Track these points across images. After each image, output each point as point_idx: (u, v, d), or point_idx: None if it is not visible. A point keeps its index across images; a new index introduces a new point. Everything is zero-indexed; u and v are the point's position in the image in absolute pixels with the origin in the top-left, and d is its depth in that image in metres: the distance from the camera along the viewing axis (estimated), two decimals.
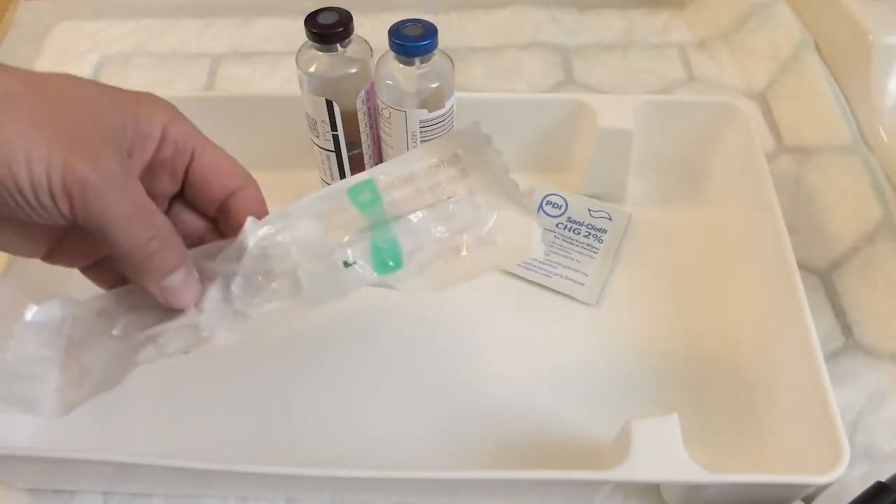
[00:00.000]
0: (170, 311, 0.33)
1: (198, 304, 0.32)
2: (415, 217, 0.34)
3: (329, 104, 0.41)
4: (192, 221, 0.34)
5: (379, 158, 0.45)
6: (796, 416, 0.38)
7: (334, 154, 0.44)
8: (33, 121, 0.27)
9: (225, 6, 0.68)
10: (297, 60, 0.41)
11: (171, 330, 0.32)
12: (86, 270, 0.35)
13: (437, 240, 0.34)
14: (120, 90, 0.31)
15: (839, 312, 0.45)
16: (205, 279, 0.33)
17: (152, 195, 0.30)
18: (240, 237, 0.32)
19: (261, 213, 0.33)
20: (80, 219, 0.28)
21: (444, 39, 0.39)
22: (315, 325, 0.44)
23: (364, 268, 0.33)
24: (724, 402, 0.41)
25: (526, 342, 0.44)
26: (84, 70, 0.61)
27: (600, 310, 0.45)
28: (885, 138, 0.51)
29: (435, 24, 0.39)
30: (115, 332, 0.33)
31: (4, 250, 0.33)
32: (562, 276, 0.46)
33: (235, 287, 0.32)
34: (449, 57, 0.40)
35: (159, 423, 0.40)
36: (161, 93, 0.33)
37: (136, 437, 0.40)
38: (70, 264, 0.34)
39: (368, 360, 0.43)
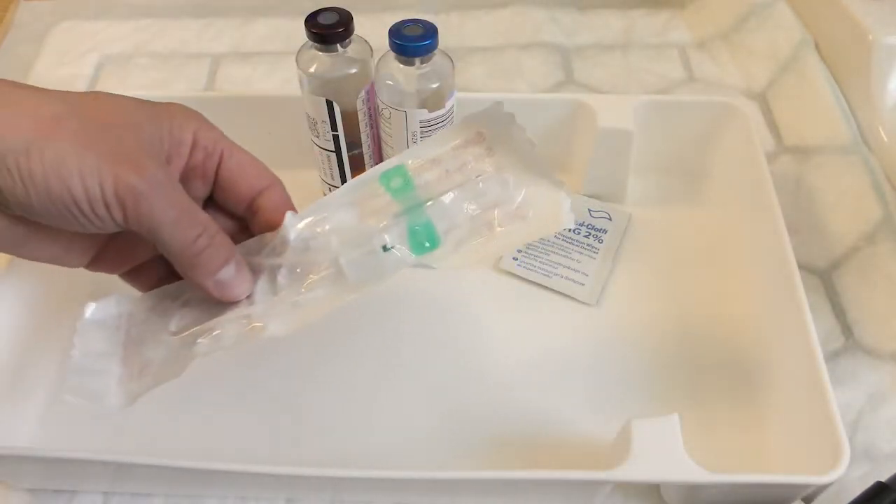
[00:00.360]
0: (222, 306, 0.34)
1: (249, 297, 0.34)
2: (446, 197, 0.35)
3: (329, 104, 0.41)
4: (223, 222, 0.36)
5: (379, 158, 0.45)
6: (796, 416, 0.38)
7: (334, 154, 0.44)
8: (82, 139, 0.29)
9: (225, 6, 0.68)
10: (297, 60, 0.41)
11: (225, 322, 0.34)
12: (125, 275, 0.37)
13: (470, 217, 0.35)
14: (152, 103, 0.33)
15: (839, 312, 0.45)
16: (253, 273, 0.35)
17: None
18: (281, 231, 0.34)
19: (287, 209, 0.35)
20: (133, 224, 0.30)
21: (444, 39, 0.39)
22: (315, 327, 0.44)
23: (402, 251, 0.34)
24: (724, 401, 0.41)
25: (526, 342, 0.44)
26: (84, 70, 0.61)
27: (600, 310, 0.45)
28: (885, 138, 0.51)
29: (435, 24, 0.39)
30: (171, 328, 0.35)
31: (52, 262, 0.34)
32: (562, 276, 0.46)
33: (281, 278, 0.34)
34: (449, 57, 0.40)
35: (159, 423, 0.40)
36: (161, 93, 0.34)
37: (137, 437, 0.40)
38: (112, 270, 0.36)
39: (368, 360, 0.43)
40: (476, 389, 0.42)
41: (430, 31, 0.38)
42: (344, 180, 0.45)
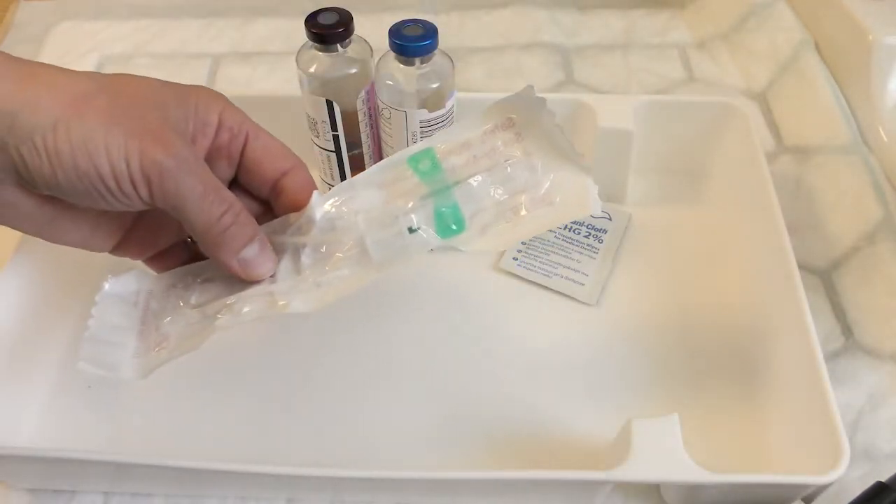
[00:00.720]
0: (244, 283, 0.35)
1: (272, 276, 0.34)
2: (474, 181, 0.35)
3: (329, 104, 0.41)
4: (247, 204, 0.36)
5: (379, 158, 0.45)
6: (796, 416, 0.38)
7: (334, 154, 0.44)
8: (109, 116, 0.29)
9: (225, 6, 0.68)
10: (297, 60, 0.41)
11: (247, 297, 0.34)
12: (148, 261, 0.37)
13: (497, 202, 0.35)
14: (178, 84, 0.33)
15: (839, 312, 0.45)
16: (276, 252, 0.35)
17: None
18: (307, 210, 0.34)
19: (311, 190, 0.35)
20: (159, 201, 0.31)
21: (444, 39, 0.39)
22: (315, 326, 0.44)
23: (428, 232, 0.34)
24: (724, 401, 0.41)
25: (526, 342, 0.44)
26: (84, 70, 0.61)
27: (600, 310, 0.45)
28: (885, 138, 0.51)
29: (435, 24, 0.39)
30: (191, 301, 0.35)
31: (78, 246, 0.35)
32: (562, 276, 0.46)
33: (305, 257, 0.34)
34: (449, 57, 0.40)
35: (159, 423, 0.40)
36: None
37: (136, 437, 0.40)
38: (135, 256, 0.37)
39: (368, 360, 0.43)
40: (476, 389, 0.42)
41: (430, 31, 0.38)
42: (344, 180, 0.45)
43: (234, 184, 0.36)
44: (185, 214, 0.31)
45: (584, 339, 0.44)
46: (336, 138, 0.43)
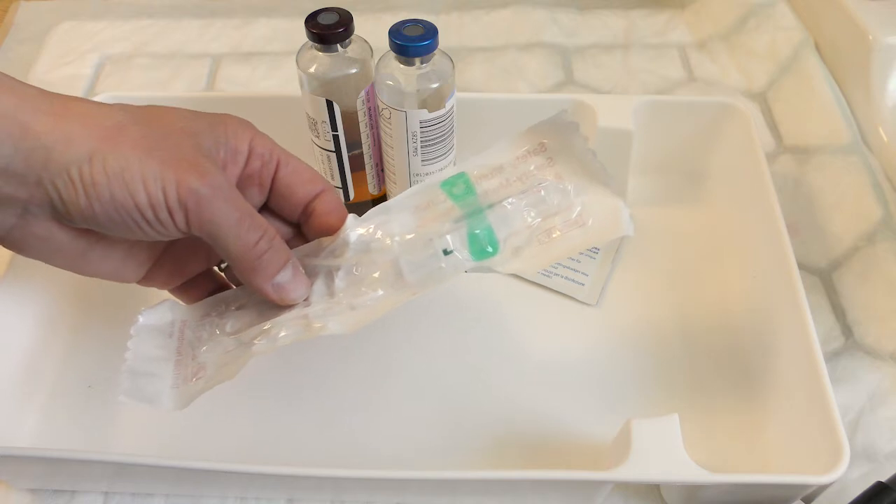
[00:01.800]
0: (277, 309, 0.35)
1: (305, 300, 0.35)
2: (508, 204, 0.35)
3: (329, 104, 0.41)
4: (278, 228, 0.36)
5: (379, 159, 0.45)
6: (796, 416, 0.38)
7: (334, 154, 0.44)
8: (144, 146, 0.30)
9: (225, 6, 0.68)
10: (297, 61, 0.41)
11: (282, 322, 0.34)
12: (176, 290, 0.38)
13: (530, 225, 0.35)
14: (208, 113, 0.34)
15: (839, 312, 0.45)
16: (309, 276, 0.35)
17: None
18: (341, 233, 0.35)
19: (341, 213, 0.36)
20: (195, 228, 0.31)
21: (444, 39, 0.39)
22: None
23: (462, 254, 0.35)
24: (724, 401, 0.41)
25: (526, 342, 0.44)
26: (84, 70, 0.61)
27: (600, 310, 0.45)
28: (885, 138, 0.51)
29: (435, 24, 0.39)
30: (227, 329, 0.35)
31: (109, 277, 0.35)
32: (562, 276, 0.46)
33: (339, 280, 0.35)
34: (449, 57, 0.40)
35: (160, 423, 0.40)
36: (161, 93, 0.34)
37: (137, 438, 0.40)
38: (163, 286, 0.37)
39: (369, 360, 0.43)
40: (476, 389, 0.42)
41: (430, 32, 0.38)
42: (344, 180, 0.45)
43: (265, 208, 0.37)
44: (220, 241, 0.31)
45: (583, 339, 0.44)
46: (336, 138, 0.43)
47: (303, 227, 0.37)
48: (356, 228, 0.35)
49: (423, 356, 0.43)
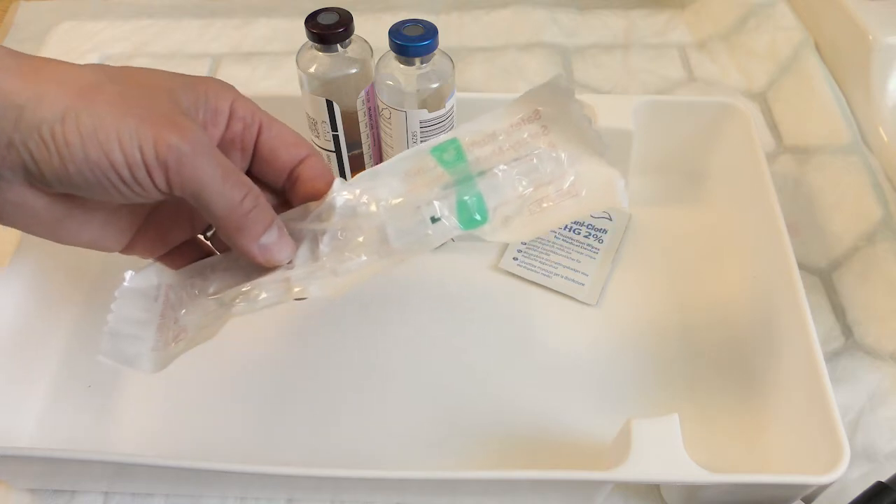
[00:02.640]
0: (260, 271, 0.34)
1: (289, 262, 0.34)
2: (499, 172, 0.34)
3: (329, 104, 0.41)
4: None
5: (379, 158, 0.45)
6: (796, 416, 0.38)
7: (335, 154, 0.44)
8: (119, 104, 0.28)
9: (225, 6, 0.68)
10: (297, 61, 0.41)
11: (263, 284, 0.33)
12: (160, 260, 0.37)
13: (521, 194, 0.34)
14: (187, 75, 0.32)
15: (839, 312, 0.45)
16: (294, 240, 0.34)
17: None
18: (328, 197, 0.34)
19: (327, 178, 0.35)
20: (176, 188, 0.29)
21: (444, 39, 0.39)
22: (316, 325, 0.44)
23: (450, 221, 0.34)
24: (724, 401, 0.41)
25: (526, 342, 0.44)
26: None
27: (600, 310, 0.45)
28: (885, 138, 0.51)
29: (435, 24, 0.39)
30: (209, 290, 0.35)
31: (89, 246, 0.34)
32: (562, 276, 0.46)
33: (324, 245, 0.34)
34: (449, 57, 0.40)
35: (159, 423, 0.40)
36: None
37: (137, 437, 0.40)
38: (147, 254, 0.36)
39: (369, 360, 0.43)
40: (476, 389, 0.42)
41: (430, 32, 0.38)
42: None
43: (248, 174, 0.35)
44: (204, 200, 0.30)
45: (584, 339, 0.44)
46: (336, 138, 0.43)
47: (288, 194, 0.36)
48: (342, 192, 0.34)
49: (423, 356, 0.43)
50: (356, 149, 0.44)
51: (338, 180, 0.34)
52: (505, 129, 0.35)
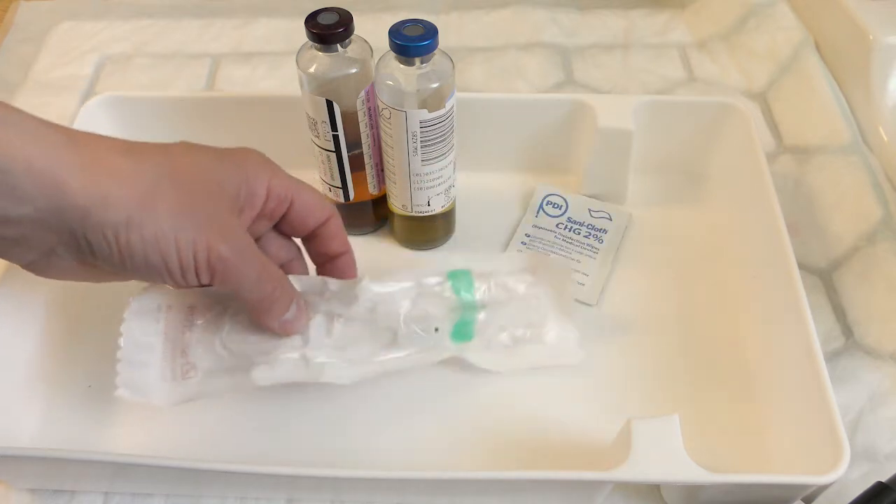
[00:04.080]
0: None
1: (304, 333, 0.38)
2: (492, 307, 0.41)
3: (329, 104, 0.41)
4: (281, 243, 0.39)
5: (379, 158, 0.45)
6: (796, 416, 0.38)
7: (334, 154, 0.44)
8: (178, 211, 0.31)
9: (225, 6, 0.68)
10: (297, 61, 0.41)
11: (281, 355, 0.37)
12: None
13: (502, 326, 0.41)
14: (230, 153, 0.35)
15: (839, 312, 0.45)
16: (310, 311, 0.38)
17: (254, 236, 0.36)
18: (355, 289, 0.39)
19: (342, 238, 0.39)
20: (218, 284, 0.33)
21: (444, 39, 0.39)
22: None
23: (446, 337, 0.40)
24: (724, 402, 0.41)
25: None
26: (84, 70, 0.61)
27: (600, 310, 0.45)
28: (885, 138, 0.51)
29: (435, 24, 0.39)
30: (221, 336, 0.37)
31: (91, 281, 0.35)
32: None
33: (340, 328, 0.38)
34: (449, 57, 0.40)
35: (160, 423, 0.40)
36: (161, 93, 0.33)
37: (137, 437, 0.40)
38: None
39: None
40: (476, 389, 0.42)
41: (430, 31, 0.38)
42: (344, 180, 0.45)
43: (273, 228, 0.38)
44: (240, 293, 0.34)
45: (584, 339, 0.44)
46: (336, 138, 0.43)
47: (305, 243, 0.40)
48: (370, 287, 0.39)
49: None
50: (356, 149, 0.44)
51: (367, 278, 0.39)
52: (508, 272, 0.42)
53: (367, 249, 0.47)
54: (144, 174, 0.31)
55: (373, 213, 0.48)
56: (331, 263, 0.40)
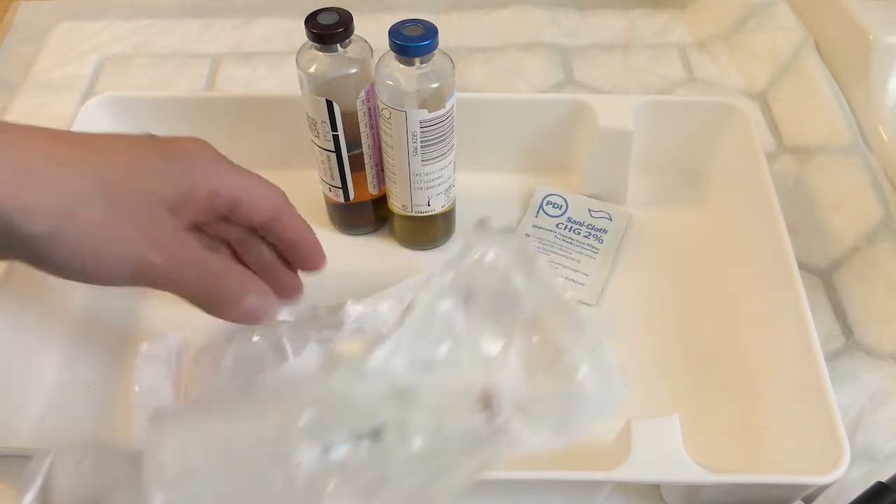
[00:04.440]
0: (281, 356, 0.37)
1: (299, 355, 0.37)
2: None
3: (329, 104, 0.41)
4: (237, 232, 0.37)
5: (379, 159, 0.45)
6: (796, 416, 0.38)
7: (334, 154, 0.44)
8: (103, 221, 0.30)
9: (225, 6, 0.68)
10: (297, 61, 0.41)
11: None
12: None
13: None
14: (174, 147, 0.33)
15: (839, 312, 0.45)
16: (298, 343, 0.37)
17: (200, 225, 0.35)
18: (339, 315, 0.38)
19: (296, 227, 0.37)
20: (160, 289, 0.32)
21: (444, 39, 0.39)
22: None
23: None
24: (724, 402, 0.41)
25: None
26: (84, 70, 0.61)
27: (600, 310, 0.45)
28: (886, 138, 0.51)
29: (435, 24, 0.39)
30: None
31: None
32: (562, 277, 0.46)
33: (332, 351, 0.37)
34: (449, 57, 0.40)
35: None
36: (161, 93, 0.33)
37: (136, 438, 0.40)
38: None
39: None
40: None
41: (430, 31, 0.38)
42: (344, 180, 0.45)
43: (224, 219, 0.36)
44: (184, 297, 0.33)
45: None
46: (336, 138, 0.43)
47: (260, 231, 0.37)
48: (355, 312, 0.38)
49: None
50: (356, 149, 0.44)
51: (350, 301, 0.38)
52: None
53: (367, 249, 0.47)
54: (71, 184, 0.29)
55: (373, 213, 0.48)
56: (290, 250, 0.38)
